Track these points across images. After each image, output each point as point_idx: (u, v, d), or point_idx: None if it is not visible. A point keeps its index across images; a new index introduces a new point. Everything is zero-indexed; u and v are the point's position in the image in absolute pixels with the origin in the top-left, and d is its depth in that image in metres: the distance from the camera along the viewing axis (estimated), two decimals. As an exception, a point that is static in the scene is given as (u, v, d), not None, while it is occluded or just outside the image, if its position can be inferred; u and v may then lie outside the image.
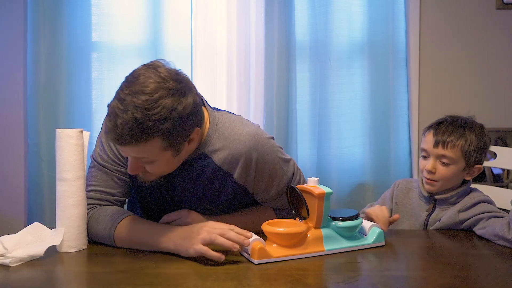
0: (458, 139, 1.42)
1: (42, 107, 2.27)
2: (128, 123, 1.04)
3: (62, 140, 1.17)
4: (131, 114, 1.03)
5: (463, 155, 1.42)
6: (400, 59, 2.45)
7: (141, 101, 1.04)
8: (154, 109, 1.04)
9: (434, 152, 1.43)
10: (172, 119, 1.07)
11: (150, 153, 1.11)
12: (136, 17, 2.30)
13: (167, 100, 1.05)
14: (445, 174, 1.42)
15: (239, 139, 1.22)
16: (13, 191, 2.40)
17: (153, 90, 1.05)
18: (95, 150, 1.31)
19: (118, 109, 1.05)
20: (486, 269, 1.09)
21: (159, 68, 1.09)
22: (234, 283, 0.98)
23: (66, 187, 1.17)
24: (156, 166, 1.15)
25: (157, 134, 1.06)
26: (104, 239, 1.22)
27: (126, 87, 1.07)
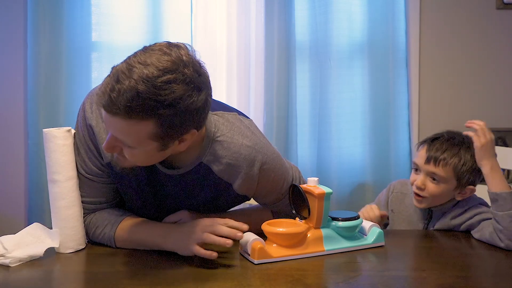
0: (451, 158, 1.34)
1: (42, 107, 2.26)
2: (128, 92, 0.92)
3: (49, 141, 1.14)
4: (134, 83, 0.91)
5: (455, 175, 1.34)
6: (400, 59, 2.45)
7: (151, 75, 0.92)
8: (162, 89, 0.92)
9: (425, 168, 1.36)
10: (176, 108, 0.95)
11: (135, 137, 0.98)
12: (136, 17, 2.30)
13: (179, 85, 0.94)
14: (434, 191, 1.35)
15: (239, 152, 1.14)
16: (13, 191, 2.40)
17: (168, 69, 0.93)
18: (76, 160, 1.19)
19: (123, 73, 0.93)
20: (486, 269, 1.09)
21: (182, 51, 0.98)
22: (234, 283, 0.98)
23: (57, 189, 1.15)
24: (135, 153, 1.02)
25: (153, 117, 0.95)
26: (105, 242, 1.21)
27: (140, 54, 0.96)
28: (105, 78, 0.98)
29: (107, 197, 1.23)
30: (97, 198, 1.22)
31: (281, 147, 2.35)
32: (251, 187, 1.19)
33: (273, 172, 1.20)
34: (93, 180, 1.20)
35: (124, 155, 1.04)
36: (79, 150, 1.18)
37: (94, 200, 1.22)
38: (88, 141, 1.17)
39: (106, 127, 1.03)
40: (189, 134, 1.03)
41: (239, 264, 1.09)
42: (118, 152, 1.05)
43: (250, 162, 1.15)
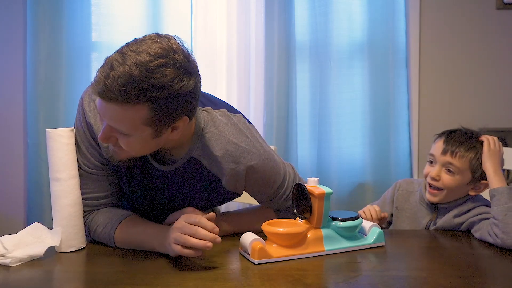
0: (468, 151, 1.37)
1: (42, 107, 2.27)
2: (122, 77, 0.95)
3: (53, 140, 1.15)
4: (128, 68, 0.95)
5: (470, 168, 1.37)
6: (400, 59, 2.45)
7: (144, 60, 0.96)
8: (154, 73, 0.96)
9: (441, 159, 1.39)
10: (168, 91, 0.98)
11: (130, 123, 1.00)
12: (136, 17, 2.31)
13: (170, 69, 0.98)
14: (449, 183, 1.37)
15: (225, 148, 1.16)
16: (13, 191, 2.40)
17: (159, 55, 0.98)
18: (78, 157, 1.21)
19: (116, 61, 0.97)
20: (486, 269, 1.09)
21: (171, 40, 1.04)
22: (234, 283, 0.98)
23: (61, 187, 1.16)
24: (131, 142, 1.04)
25: (147, 101, 0.97)
26: (105, 241, 1.22)
27: (132, 44, 1.01)
28: (99, 69, 1.01)
29: (110, 191, 1.24)
30: (101, 192, 1.23)
31: (281, 147, 2.35)
32: (239, 183, 1.21)
33: (262, 168, 1.20)
34: (96, 175, 1.21)
35: (120, 146, 1.06)
36: (80, 147, 1.20)
37: (97, 195, 1.23)
38: (88, 137, 1.19)
39: (101, 116, 1.04)
40: (181, 121, 1.05)
41: (239, 264, 1.09)
42: (113, 143, 1.07)
43: (236, 159, 1.17)
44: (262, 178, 1.22)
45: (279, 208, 1.32)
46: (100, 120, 1.09)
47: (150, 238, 1.15)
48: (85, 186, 1.22)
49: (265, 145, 1.25)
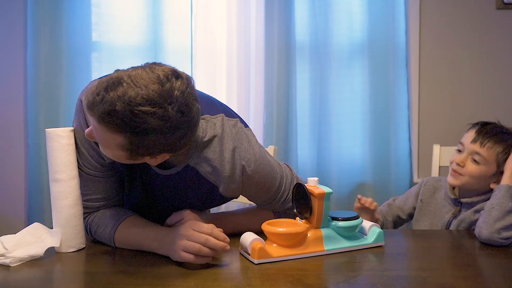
0: (498, 143, 1.40)
1: (42, 107, 2.27)
2: (106, 104, 0.94)
3: (53, 140, 1.15)
4: (114, 99, 0.94)
5: (496, 160, 1.39)
6: (400, 59, 2.45)
7: (133, 99, 0.93)
8: (137, 117, 0.94)
9: (469, 148, 1.41)
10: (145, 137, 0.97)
11: (106, 141, 1.01)
12: (136, 17, 2.31)
13: (154, 120, 0.95)
14: (473, 171, 1.40)
15: (222, 156, 1.16)
16: (13, 191, 2.41)
17: (151, 101, 0.94)
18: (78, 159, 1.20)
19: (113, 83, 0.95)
20: (487, 269, 1.09)
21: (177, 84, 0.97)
22: (234, 283, 0.98)
23: (61, 188, 1.16)
24: (107, 152, 1.05)
25: (125, 135, 0.97)
26: (105, 242, 1.22)
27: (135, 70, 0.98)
28: (104, 77, 1.00)
29: (110, 193, 1.24)
30: (101, 194, 1.23)
31: (281, 147, 2.35)
32: (236, 189, 1.21)
33: (257, 174, 1.20)
34: (96, 176, 1.21)
35: None
36: (80, 149, 1.19)
37: (97, 197, 1.23)
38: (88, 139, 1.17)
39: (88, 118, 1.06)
40: (160, 156, 1.05)
41: (239, 264, 1.09)
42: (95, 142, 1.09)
43: (233, 166, 1.17)
44: (257, 183, 1.22)
45: (277, 210, 1.31)
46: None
47: (150, 239, 1.15)
48: (86, 188, 1.22)
49: (261, 149, 1.24)
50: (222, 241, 1.05)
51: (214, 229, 1.06)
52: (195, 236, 1.04)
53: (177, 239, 1.06)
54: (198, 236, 1.04)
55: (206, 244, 1.03)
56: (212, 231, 1.05)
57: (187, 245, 1.03)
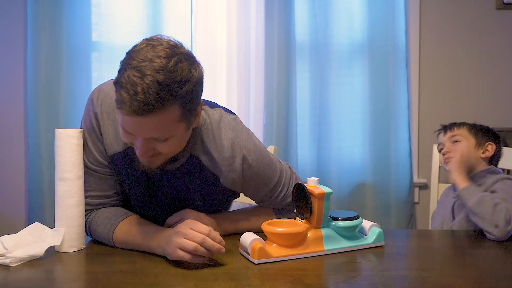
0: (463, 124, 1.60)
1: (42, 107, 2.27)
2: (152, 87, 0.97)
3: (63, 140, 1.17)
4: (151, 78, 0.97)
5: (470, 133, 1.56)
6: (400, 59, 2.45)
7: (161, 64, 0.98)
8: (175, 71, 0.99)
9: (445, 139, 1.60)
10: (191, 83, 1.03)
11: (168, 126, 1.03)
12: (136, 17, 2.31)
13: (183, 63, 1.02)
14: (457, 147, 1.54)
15: (221, 144, 1.19)
16: (13, 191, 2.41)
17: (169, 55, 1.00)
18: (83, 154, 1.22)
19: (135, 76, 0.97)
20: (486, 269, 1.09)
21: (165, 39, 1.05)
22: (234, 283, 0.98)
23: (67, 187, 1.17)
24: (170, 143, 1.07)
25: (179, 98, 1.01)
26: (105, 241, 1.22)
27: (135, 56, 1.00)
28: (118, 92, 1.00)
29: (112, 191, 1.26)
30: (103, 191, 1.24)
31: (281, 147, 2.35)
32: (237, 180, 1.22)
33: (257, 164, 1.22)
34: (99, 172, 1.23)
35: (157, 155, 1.09)
36: (86, 142, 1.22)
37: (99, 194, 1.24)
38: (96, 129, 1.20)
39: (137, 134, 1.05)
40: (200, 107, 1.12)
41: (239, 264, 1.09)
42: (152, 154, 1.08)
43: (232, 153, 1.19)
44: (258, 174, 1.23)
45: (277, 207, 1.32)
46: (127, 139, 1.09)
47: (149, 239, 1.15)
48: (88, 184, 1.23)
49: (261, 144, 1.27)
50: (218, 243, 1.05)
51: (212, 231, 1.06)
52: (192, 235, 1.03)
53: (174, 236, 1.06)
54: (195, 235, 1.03)
55: (203, 244, 1.03)
56: (210, 232, 1.05)
57: (183, 243, 1.03)
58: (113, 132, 1.19)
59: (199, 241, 1.03)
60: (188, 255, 1.03)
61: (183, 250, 1.04)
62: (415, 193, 2.54)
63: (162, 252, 1.11)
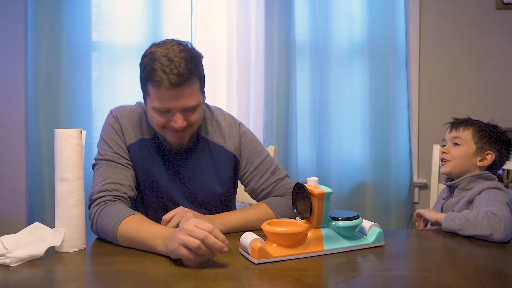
0: (470, 125, 1.56)
1: (43, 107, 2.27)
2: (182, 62, 1.27)
3: (63, 140, 1.17)
4: (178, 57, 1.27)
5: (473, 138, 1.53)
6: (400, 59, 2.45)
7: (180, 47, 1.30)
8: (192, 51, 1.32)
9: (449, 137, 1.58)
10: (201, 62, 1.37)
11: (195, 94, 1.33)
12: (136, 17, 2.31)
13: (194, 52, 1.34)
14: (455, 153, 1.53)
15: (222, 115, 1.51)
16: (14, 191, 2.41)
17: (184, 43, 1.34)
18: (98, 152, 1.41)
19: (166, 60, 1.26)
20: (486, 269, 1.09)
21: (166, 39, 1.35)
22: (234, 283, 0.98)
23: (67, 187, 1.17)
24: (198, 111, 1.35)
25: (198, 72, 1.33)
26: (109, 234, 1.23)
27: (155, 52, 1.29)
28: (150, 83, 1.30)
29: (125, 182, 1.36)
30: (117, 180, 1.35)
31: (281, 147, 2.35)
32: (237, 145, 1.47)
33: (250, 134, 1.52)
34: (113, 161, 1.38)
35: (187, 129, 1.35)
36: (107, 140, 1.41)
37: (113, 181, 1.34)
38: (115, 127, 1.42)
39: (176, 105, 1.30)
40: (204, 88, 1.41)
41: (239, 264, 1.09)
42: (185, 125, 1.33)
43: (230, 124, 1.50)
44: (251, 143, 1.50)
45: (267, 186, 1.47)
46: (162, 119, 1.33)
47: (153, 236, 1.15)
48: (103, 175, 1.35)
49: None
50: (221, 241, 1.05)
51: (215, 229, 1.06)
52: (195, 232, 1.04)
53: (178, 233, 1.06)
54: (199, 232, 1.04)
55: (205, 241, 1.03)
56: (213, 230, 1.05)
57: (187, 239, 1.04)
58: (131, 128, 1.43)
59: (202, 238, 1.03)
60: (190, 253, 1.04)
61: (186, 248, 1.04)
62: (415, 193, 2.54)
63: (165, 250, 1.11)
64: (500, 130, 1.58)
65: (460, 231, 1.31)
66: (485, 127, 1.56)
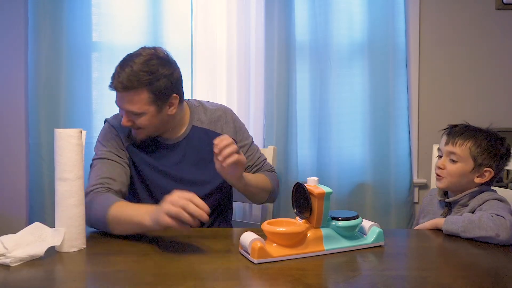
0: (468, 139, 1.47)
1: (43, 107, 2.27)
2: (127, 73, 1.40)
3: (63, 140, 1.17)
4: (128, 67, 1.41)
5: (470, 155, 1.46)
6: (400, 59, 2.45)
7: (136, 59, 1.41)
8: (151, 69, 1.41)
9: (445, 150, 1.50)
10: (157, 76, 1.42)
11: (137, 104, 1.42)
12: (136, 17, 2.31)
13: (155, 61, 1.43)
14: (452, 170, 1.47)
15: (214, 105, 1.67)
16: (14, 191, 2.41)
17: (145, 54, 1.43)
18: (95, 153, 1.54)
19: (120, 66, 1.43)
20: (486, 269, 1.09)
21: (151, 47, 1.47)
22: (234, 283, 0.99)
23: (67, 187, 1.17)
24: (143, 119, 1.45)
25: (147, 85, 1.41)
26: (100, 219, 1.29)
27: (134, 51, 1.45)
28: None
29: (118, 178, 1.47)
30: (110, 175, 1.45)
31: (281, 147, 2.35)
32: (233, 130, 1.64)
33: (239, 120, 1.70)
34: (109, 158, 1.49)
35: (138, 128, 1.47)
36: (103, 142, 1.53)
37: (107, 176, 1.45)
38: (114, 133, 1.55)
39: (120, 107, 1.46)
40: (173, 98, 1.49)
41: (239, 264, 1.09)
42: (132, 125, 1.47)
43: (223, 110, 1.67)
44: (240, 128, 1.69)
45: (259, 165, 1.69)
46: (120, 113, 1.49)
47: (142, 213, 1.22)
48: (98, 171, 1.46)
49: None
50: (201, 209, 1.12)
51: (195, 197, 1.13)
52: (176, 200, 1.12)
53: (163, 204, 1.15)
54: (179, 200, 1.12)
55: (186, 208, 1.10)
56: (193, 198, 1.13)
57: (169, 208, 1.12)
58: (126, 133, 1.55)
59: (182, 205, 1.11)
60: (173, 221, 1.11)
61: (169, 216, 1.11)
62: (415, 193, 2.54)
63: (152, 223, 1.17)
64: (499, 140, 1.49)
65: (463, 233, 1.28)
66: (484, 140, 1.47)
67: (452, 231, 1.31)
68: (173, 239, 1.28)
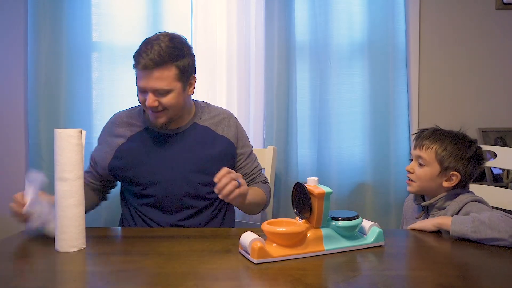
0: (434, 143, 1.47)
1: (43, 107, 2.27)
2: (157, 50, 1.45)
3: (63, 140, 1.18)
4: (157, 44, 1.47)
5: (437, 159, 1.46)
6: (400, 59, 2.45)
7: (162, 38, 1.49)
8: (172, 42, 1.49)
9: (413, 154, 1.52)
10: (183, 53, 1.51)
11: (166, 80, 1.48)
12: (136, 17, 2.31)
13: (178, 40, 1.52)
14: (420, 174, 1.48)
15: (217, 108, 1.74)
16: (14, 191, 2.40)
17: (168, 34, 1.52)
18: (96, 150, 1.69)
19: (146, 44, 1.48)
20: (486, 269, 1.09)
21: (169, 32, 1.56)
22: (234, 283, 0.99)
23: (67, 187, 1.18)
24: (170, 97, 1.50)
25: (175, 61, 1.48)
26: None
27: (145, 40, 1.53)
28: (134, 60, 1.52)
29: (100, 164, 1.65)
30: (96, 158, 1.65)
31: (281, 147, 2.35)
32: (234, 135, 1.69)
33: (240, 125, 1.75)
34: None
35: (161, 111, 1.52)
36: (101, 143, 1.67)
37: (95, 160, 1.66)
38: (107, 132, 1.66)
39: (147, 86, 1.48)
40: (193, 78, 1.59)
41: (239, 264, 1.09)
42: (156, 106, 1.50)
43: (228, 114, 1.73)
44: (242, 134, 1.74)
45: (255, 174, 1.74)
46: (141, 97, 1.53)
47: None
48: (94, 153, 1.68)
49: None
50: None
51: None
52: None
53: None
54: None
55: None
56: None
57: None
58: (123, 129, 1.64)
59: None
60: None
61: None
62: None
63: None
64: (466, 144, 1.47)
65: (473, 234, 1.24)
66: (450, 143, 1.45)
67: (461, 232, 1.27)
68: (173, 239, 1.28)
